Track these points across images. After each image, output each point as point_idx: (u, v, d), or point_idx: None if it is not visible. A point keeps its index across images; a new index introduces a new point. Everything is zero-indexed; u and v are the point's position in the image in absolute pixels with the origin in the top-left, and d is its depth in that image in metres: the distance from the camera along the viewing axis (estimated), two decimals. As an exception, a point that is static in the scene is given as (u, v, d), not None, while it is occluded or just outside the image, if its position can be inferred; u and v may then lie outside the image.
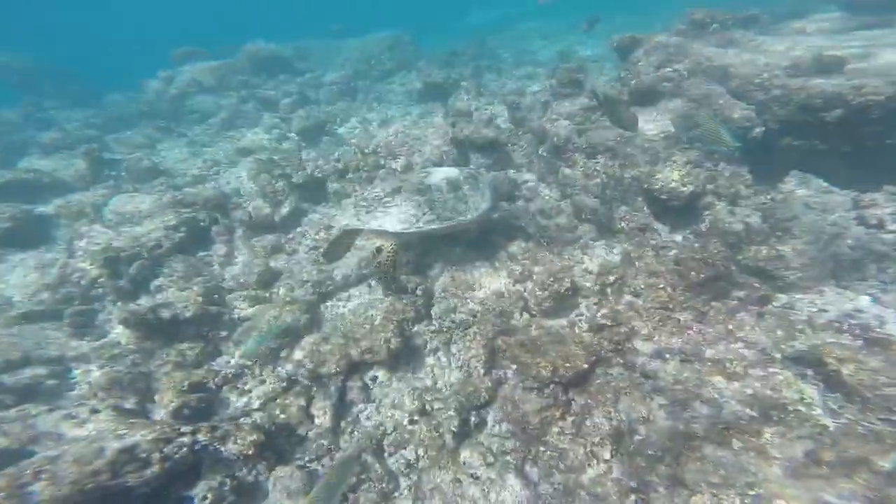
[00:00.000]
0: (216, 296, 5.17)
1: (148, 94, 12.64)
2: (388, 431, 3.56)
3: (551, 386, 3.16)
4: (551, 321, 3.88)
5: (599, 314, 3.66)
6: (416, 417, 3.48)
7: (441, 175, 5.17)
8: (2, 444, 3.22)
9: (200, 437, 2.95)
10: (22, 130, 10.67)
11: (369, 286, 5.33)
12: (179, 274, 5.56)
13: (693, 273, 3.55)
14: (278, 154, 9.22)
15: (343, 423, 3.75)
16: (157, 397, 3.79)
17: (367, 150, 7.53)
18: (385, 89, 13.61)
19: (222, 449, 3.01)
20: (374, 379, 3.97)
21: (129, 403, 3.74)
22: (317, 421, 3.69)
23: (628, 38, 6.99)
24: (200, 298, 4.80)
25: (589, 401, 3.08)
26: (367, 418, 3.76)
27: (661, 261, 3.74)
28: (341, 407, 3.82)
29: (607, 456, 2.84)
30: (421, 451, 3.32)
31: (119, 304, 5.41)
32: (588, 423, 2.99)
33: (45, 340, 4.68)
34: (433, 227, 4.65)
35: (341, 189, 7.17)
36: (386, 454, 3.44)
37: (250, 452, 3.03)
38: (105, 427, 3.12)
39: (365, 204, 5.09)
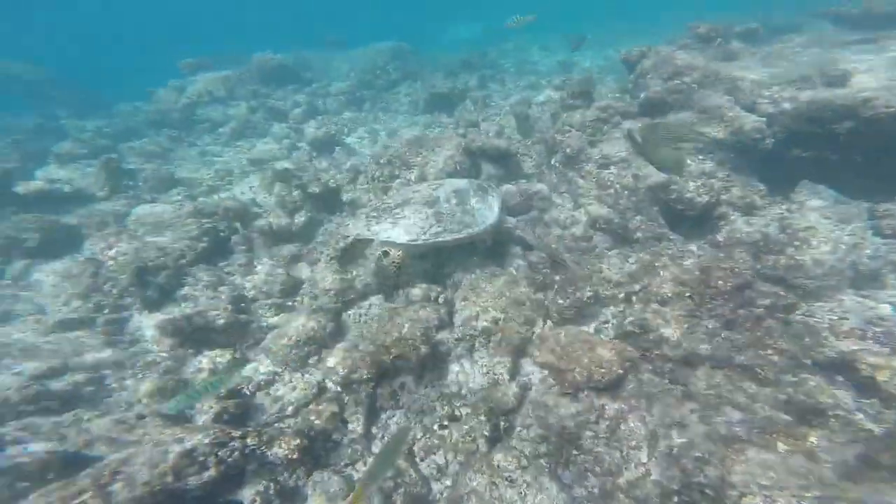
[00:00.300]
0: (242, 304, 5.35)
1: (158, 103, 12.83)
2: (418, 437, 3.74)
3: (585, 391, 3.33)
4: (577, 329, 4.04)
5: (627, 322, 3.82)
6: (445, 423, 3.65)
7: (450, 187, 5.39)
8: (59, 448, 3.37)
9: (250, 441, 3.12)
10: (36, 140, 10.83)
11: (388, 294, 5.52)
12: (204, 283, 5.75)
13: (720, 282, 3.71)
14: (292, 164, 9.43)
15: (374, 429, 3.93)
16: (197, 403, 3.94)
17: (381, 161, 7.73)
18: (391, 99, 13.83)
19: (269, 453, 3.17)
20: (402, 385, 4.14)
21: (170, 409, 3.90)
22: (350, 426, 3.86)
23: (636, 51, 7.22)
24: (230, 307, 4.98)
25: (622, 406, 3.24)
26: (397, 424, 3.93)
27: (685, 270, 3.91)
28: (372, 413, 4.00)
29: (644, 459, 2.98)
30: (451, 456, 3.49)
31: (146, 312, 5.59)
32: (623, 427, 3.14)
33: (82, 348, 4.84)
34: (440, 239, 4.85)
35: (356, 199, 7.36)
36: (417, 459, 3.62)
37: (295, 457, 3.19)
38: (157, 431, 3.28)
39: (376, 214, 5.36)
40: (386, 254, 5.02)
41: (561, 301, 4.13)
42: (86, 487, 2.63)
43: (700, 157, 4.95)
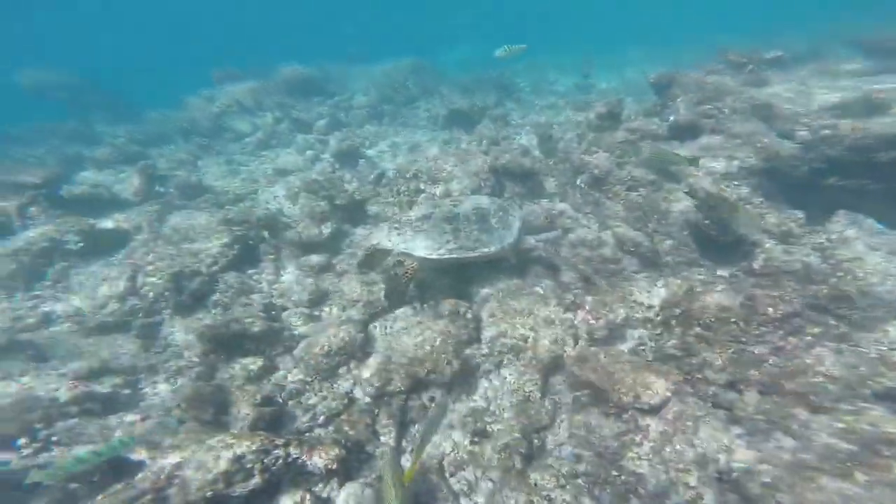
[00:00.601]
0: (273, 312, 5.48)
1: (189, 111, 13.17)
2: (447, 452, 3.79)
3: (629, 411, 3.37)
4: (617, 349, 4.07)
5: (669, 344, 3.87)
6: (476, 439, 3.71)
7: (471, 204, 5.53)
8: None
9: (292, 449, 3.20)
10: (72, 145, 11.18)
11: (414, 308, 5.62)
12: (234, 290, 5.89)
13: (770, 309, 3.73)
14: (317, 175, 9.63)
15: (404, 442, 4.00)
16: (233, 410, 4.05)
17: (407, 175, 7.89)
18: (410, 114, 14.03)
19: (308, 462, 3.25)
20: (433, 399, 4.22)
21: (208, 415, 4.01)
22: (382, 438, 3.94)
23: (666, 75, 7.34)
24: (262, 314, 5.11)
25: (666, 428, 3.26)
26: (427, 438, 3.99)
27: (729, 296, 3.95)
28: (402, 426, 4.07)
29: (693, 482, 2.99)
30: (481, 472, 3.54)
31: (178, 317, 5.73)
32: (668, 449, 3.16)
33: (119, 351, 4.98)
34: (454, 255, 5.03)
35: (381, 212, 7.51)
36: (446, 474, 3.67)
37: (334, 467, 3.26)
38: (199, 436, 3.38)
39: (398, 226, 5.58)
40: (400, 264, 5.16)
41: (592, 321, 4.21)
42: (145, 491, 2.73)
43: (735, 182, 5.00)
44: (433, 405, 4.00)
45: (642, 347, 3.96)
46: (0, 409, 3.91)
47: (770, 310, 3.75)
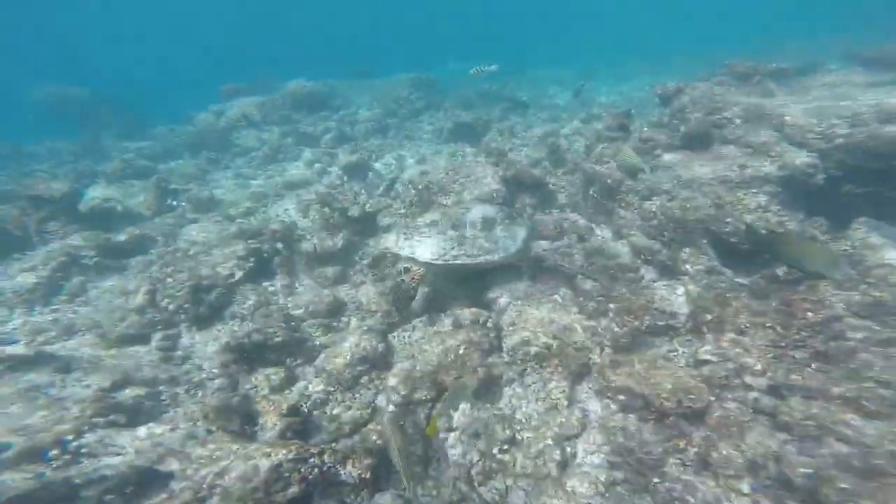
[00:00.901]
0: (292, 323, 5.50)
1: (198, 125, 13.31)
2: (475, 461, 3.79)
3: (671, 417, 3.37)
4: (651, 355, 4.06)
5: (703, 350, 3.86)
6: (506, 447, 3.71)
7: (479, 213, 5.65)
8: (136, 462, 3.49)
9: (326, 458, 3.21)
10: (83, 159, 11.28)
11: (432, 318, 5.66)
12: (252, 302, 5.93)
13: (809, 314, 3.71)
14: (326, 188, 9.73)
15: (430, 452, 4.00)
16: (260, 420, 4.06)
17: (419, 187, 7.96)
18: (414, 127, 14.17)
19: (342, 472, 3.26)
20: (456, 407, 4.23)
21: (234, 425, 4.02)
22: (410, 448, 3.94)
23: (672, 87, 7.45)
24: (283, 325, 5.14)
25: (710, 433, 3.25)
26: (452, 446, 4.00)
27: (762, 301, 3.97)
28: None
29: (746, 489, 2.97)
30: (511, 481, 3.52)
31: (195, 329, 5.76)
32: (715, 455, 3.14)
33: (140, 363, 4.99)
34: (458, 262, 5.15)
35: (393, 224, 7.56)
36: (475, 483, 3.66)
37: (367, 476, 3.27)
38: (228, 447, 3.39)
39: (406, 232, 5.69)
40: (407, 270, 5.33)
41: (617, 329, 4.24)
42: (187, 500, 2.74)
43: (753, 190, 5.06)
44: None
45: (673, 353, 3.97)
46: (33, 422, 3.91)
47: (809, 314, 3.72)
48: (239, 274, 6.19)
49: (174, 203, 8.62)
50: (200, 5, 46.26)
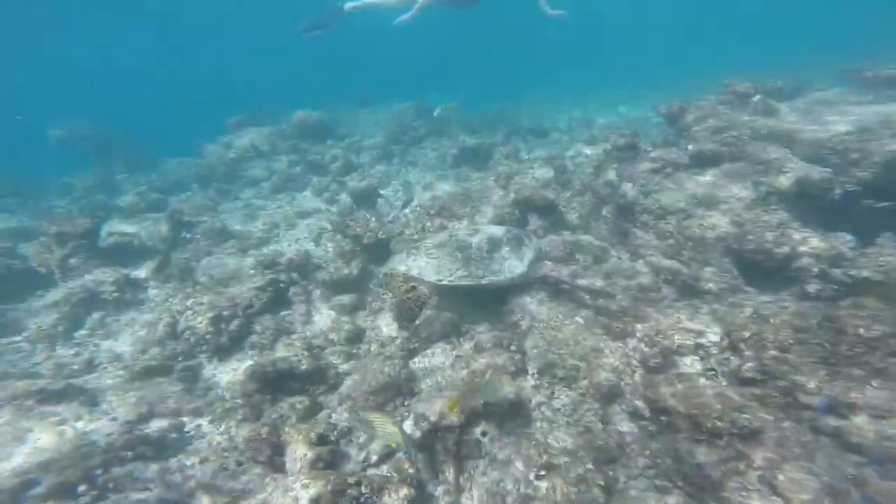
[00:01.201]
0: (314, 351, 5.51)
1: (208, 157, 13.53)
2: (509, 488, 3.74)
3: (725, 437, 3.24)
4: (690, 374, 3.98)
5: (745, 368, 3.80)
6: (542, 472, 3.66)
7: (486, 234, 5.73)
8: (165, 496, 3.46)
9: (363, 489, 3.18)
10: (97, 194, 11.45)
11: (451, 342, 5.67)
12: (271, 331, 5.94)
13: (861, 330, 3.58)
14: (337, 216, 9.83)
15: (461, 479, 3.96)
16: (289, 450, 4.04)
17: (431, 212, 8.05)
18: (419, 154, 14.37)
19: (378, 503, 3.22)
20: (485, 433, 4.20)
21: (263, 456, 3.99)
22: (440, 476, 3.90)
23: (677, 106, 7.61)
24: (306, 353, 5.15)
25: (770, 455, 3.10)
26: (483, 473, 3.95)
27: (803, 318, 3.92)
28: (459, 460, 4.04)
29: None
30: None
31: (216, 360, 5.76)
32: (782, 478, 2.97)
33: (164, 395, 4.99)
34: (462, 283, 5.27)
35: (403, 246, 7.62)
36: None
37: (404, 506, 3.24)
38: (259, 478, 3.37)
39: (414, 252, 5.80)
40: (414, 288, 5.37)
41: (647, 349, 4.24)
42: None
43: (772, 207, 5.12)
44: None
45: (711, 372, 3.94)
46: (61, 457, 3.89)
47: (861, 330, 3.59)
48: (258, 304, 6.22)
49: (188, 235, 8.71)
50: (206, 41, 47.53)
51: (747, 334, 3.87)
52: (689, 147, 6.53)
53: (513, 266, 5.40)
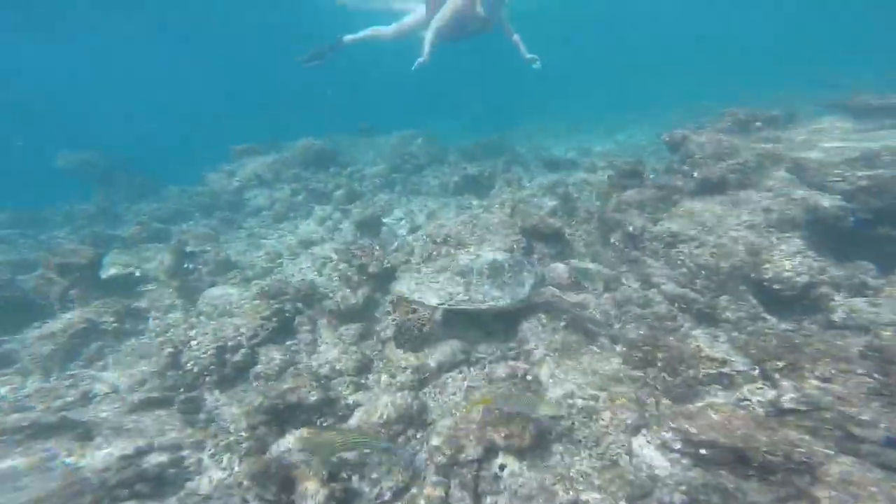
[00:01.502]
0: (322, 382, 5.34)
1: (210, 185, 13.53)
2: (532, 526, 3.55)
3: (780, 473, 3.01)
4: (729, 404, 3.83)
5: (785, 399, 3.64)
6: (571, 510, 3.49)
7: (487, 259, 5.74)
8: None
9: (383, 527, 3.01)
10: (98, 223, 11.38)
11: (461, 371, 5.52)
12: (277, 362, 5.78)
13: None
14: (340, 244, 9.77)
15: (481, 513, 3.76)
16: (298, 487, 3.84)
17: (437, 241, 7.99)
18: (421, 181, 14.43)
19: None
20: (503, 467, 4.02)
21: (270, 494, 3.80)
22: (458, 512, 3.71)
23: (679, 134, 7.68)
24: (314, 383, 4.98)
25: (836, 493, 2.85)
26: (503, 510, 3.76)
27: (840, 348, 3.80)
28: (476, 498, 3.85)
29: None
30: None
31: (217, 391, 5.57)
32: None
33: (163, 427, 4.79)
34: (462, 307, 5.30)
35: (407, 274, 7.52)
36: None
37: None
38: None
39: (417, 277, 5.84)
40: (415, 311, 5.49)
41: (669, 378, 4.11)
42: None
43: (787, 234, 5.08)
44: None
45: (745, 402, 3.79)
46: (48, 496, 3.68)
47: None
48: (263, 334, 6.08)
49: (191, 266, 8.59)
50: (208, 72, 48.55)
51: (781, 364, 3.73)
52: (695, 174, 6.55)
53: (515, 291, 5.37)
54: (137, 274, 7.82)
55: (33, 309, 6.91)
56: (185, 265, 8.52)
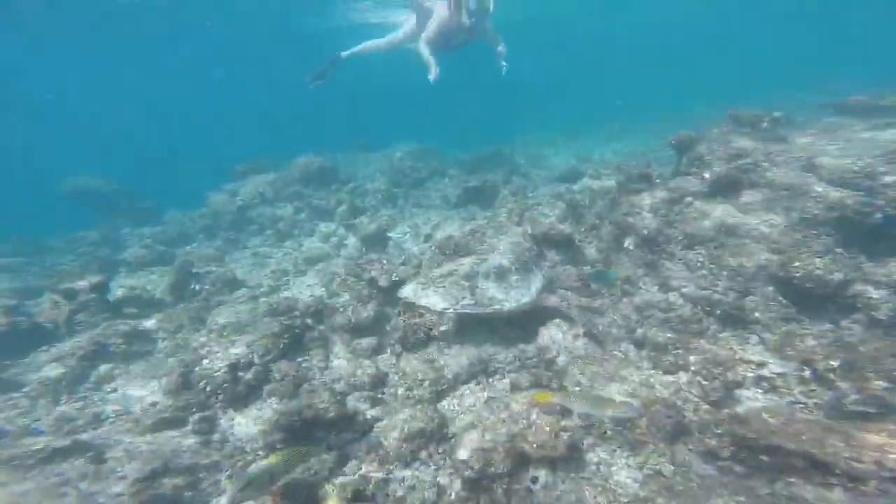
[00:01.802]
0: (338, 397, 5.19)
1: (213, 206, 13.45)
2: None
3: (872, 482, 2.77)
4: (781, 408, 3.67)
5: (848, 401, 3.43)
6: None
7: (494, 263, 5.70)
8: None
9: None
10: (102, 248, 11.29)
11: (478, 383, 5.38)
12: (291, 378, 5.63)
13: None
14: (347, 260, 9.68)
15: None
16: (322, 507, 3.68)
17: (447, 251, 7.88)
18: (423, 195, 14.36)
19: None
20: (535, 479, 3.86)
21: (292, 514, 3.64)
22: (491, 530, 3.54)
23: (686, 136, 7.61)
24: (331, 399, 4.83)
25: None
26: (538, 528, 3.58)
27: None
28: (511, 511, 3.68)
29: None
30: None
31: (231, 410, 5.42)
32: None
33: (178, 448, 4.64)
34: (468, 311, 5.27)
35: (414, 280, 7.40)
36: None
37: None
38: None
39: (423, 282, 5.81)
40: (421, 315, 5.52)
41: (705, 382, 3.97)
42: None
43: (814, 232, 4.95)
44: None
45: (800, 405, 3.60)
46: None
47: None
48: (275, 351, 5.94)
49: (197, 287, 8.47)
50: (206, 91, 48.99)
51: (834, 363, 3.54)
52: (706, 175, 6.46)
53: (519, 296, 5.33)
54: (144, 297, 7.70)
55: (40, 334, 6.78)
56: (192, 286, 8.41)
